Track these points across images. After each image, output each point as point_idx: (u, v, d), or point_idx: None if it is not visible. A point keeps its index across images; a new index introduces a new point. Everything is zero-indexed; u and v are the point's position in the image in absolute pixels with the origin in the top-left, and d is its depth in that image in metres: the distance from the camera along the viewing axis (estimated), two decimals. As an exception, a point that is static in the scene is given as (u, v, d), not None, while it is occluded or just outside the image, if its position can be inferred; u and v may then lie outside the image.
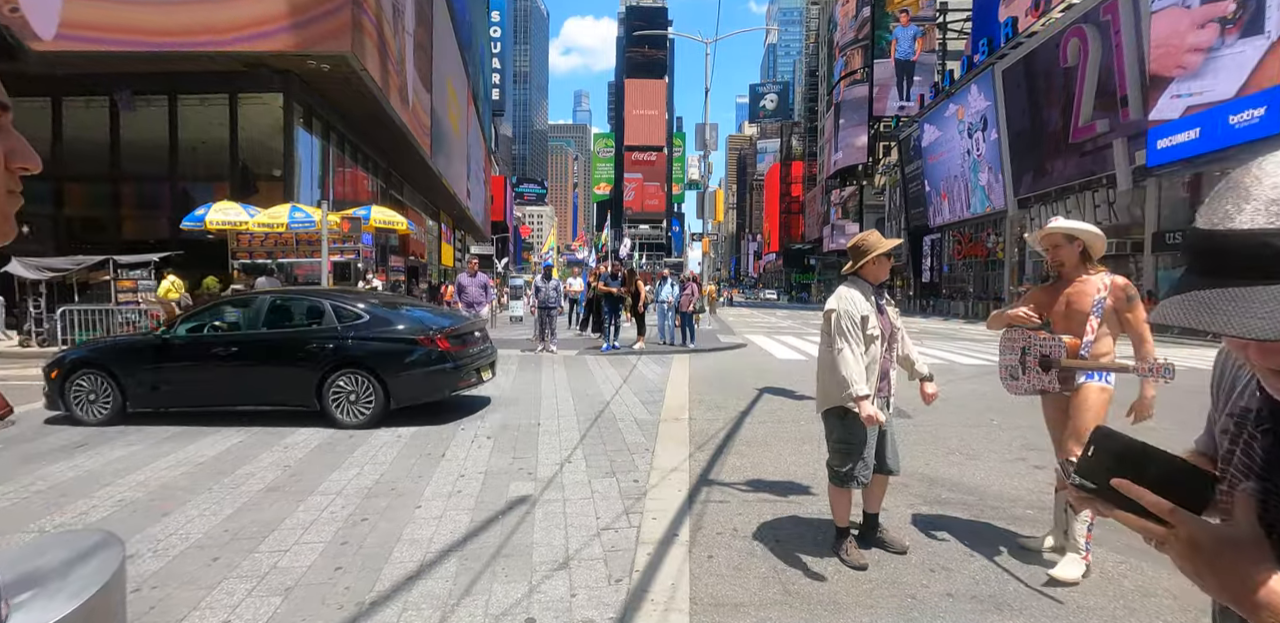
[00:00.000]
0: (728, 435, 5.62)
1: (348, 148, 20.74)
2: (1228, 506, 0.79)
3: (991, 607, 2.69)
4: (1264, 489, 0.74)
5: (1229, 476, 0.80)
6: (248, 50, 14.06)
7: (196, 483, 4.20)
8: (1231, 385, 0.86)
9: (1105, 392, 2.97)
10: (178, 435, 5.49)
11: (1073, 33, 25.62)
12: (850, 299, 3.05)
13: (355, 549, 3.16)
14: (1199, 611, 2.67)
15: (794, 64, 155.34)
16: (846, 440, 3.09)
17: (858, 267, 3.11)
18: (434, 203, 35.46)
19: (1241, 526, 0.73)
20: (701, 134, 23.73)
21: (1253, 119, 17.16)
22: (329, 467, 4.55)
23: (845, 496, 3.18)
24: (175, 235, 14.65)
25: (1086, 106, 25.21)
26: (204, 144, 16.20)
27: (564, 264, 70.05)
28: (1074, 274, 2.99)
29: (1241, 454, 0.78)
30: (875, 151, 59.69)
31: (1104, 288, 2.89)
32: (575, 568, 2.97)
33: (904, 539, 3.26)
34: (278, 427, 5.78)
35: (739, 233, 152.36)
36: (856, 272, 3.13)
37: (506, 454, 4.90)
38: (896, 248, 3.13)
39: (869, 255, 3.07)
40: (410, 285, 25.76)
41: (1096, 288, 2.90)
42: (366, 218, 14.13)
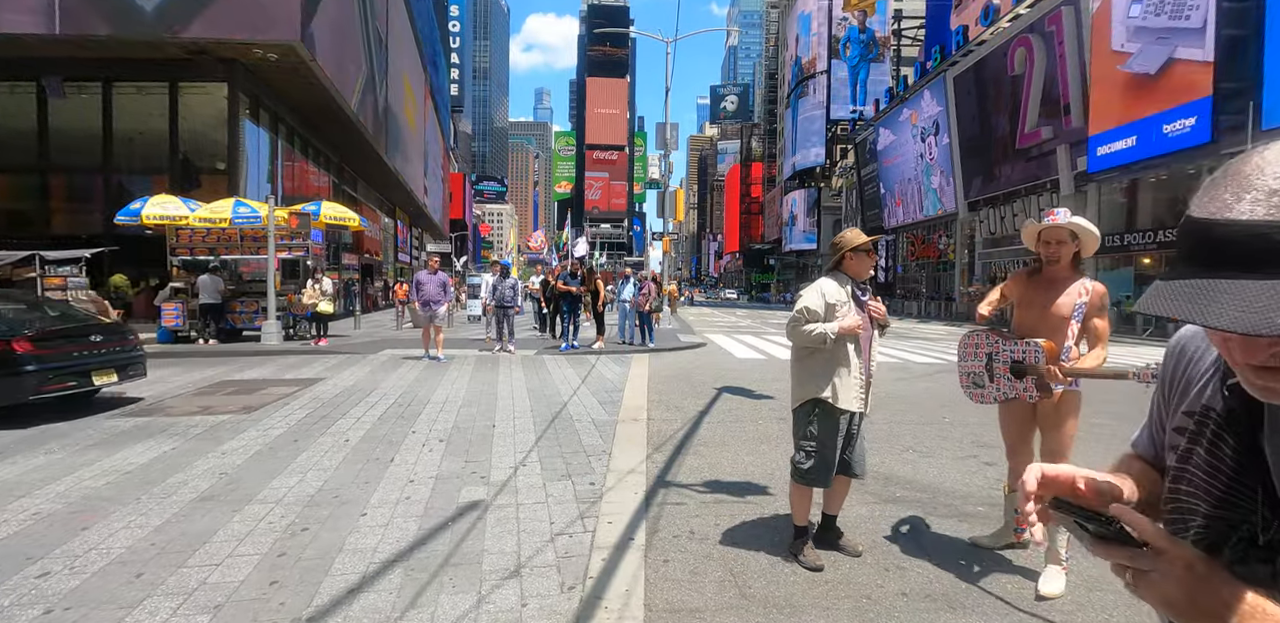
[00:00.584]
0: (686, 436, 5.58)
1: (298, 141, 20.05)
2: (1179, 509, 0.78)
3: (945, 605, 2.70)
4: (1230, 489, 0.73)
5: (1188, 475, 0.77)
6: (189, 37, 13.43)
7: (122, 493, 3.94)
8: (1186, 383, 0.84)
9: (1077, 396, 2.93)
10: (104, 442, 5.17)
11: (1020, 42, 26.54)
12: (819, 287, 3.10)
13: (293, 562, 2.99)
14: (1140, 602, 2.72)
15: (754, 66, 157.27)
16: (814, 438, 3.06)
17: (835, 260, 3.16)
18: (389, 199, 34.63)
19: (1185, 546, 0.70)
20: (663, 133, 23.74)
21: (1184, 128, 18.04)
22: (269, 473, 4.33)
23: (806, 494, 3.16)
24: (109, 230, 13.93)
25: (1032, 113, 26.15)
26: (141, 135, 15.44)
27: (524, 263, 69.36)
28: (1063, 273, 2.88)
29: (1206, 454, 0.76)
30: (833, 154, 60.83)
31: (1085, 292, 2.81)
32: (527, 576, 2.87)
33: (859, 544, 3.25)
34: (215, 432, 5.50)
35: (700, 233, 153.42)
36: (837, 267, 3.16)
37: (459, 458, 4.75)
38: (871, 242, 3.12)
39: (844, 250, 3.11)
40: (364, 284, 25.11)
41: (1079, 292, 2.81)
42: (317, 214, 13.67)
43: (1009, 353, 2.87)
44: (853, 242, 3.09)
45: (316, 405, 6.69)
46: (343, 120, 19.38)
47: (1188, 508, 0.77)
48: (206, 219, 12.52)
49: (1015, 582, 2.93)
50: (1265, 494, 0.70)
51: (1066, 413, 2.92)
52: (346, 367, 9.72)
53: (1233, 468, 0.73)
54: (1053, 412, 2.94)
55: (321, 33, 15.11)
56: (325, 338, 12.94)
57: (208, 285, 12.01)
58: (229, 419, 6.00)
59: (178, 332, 12.25)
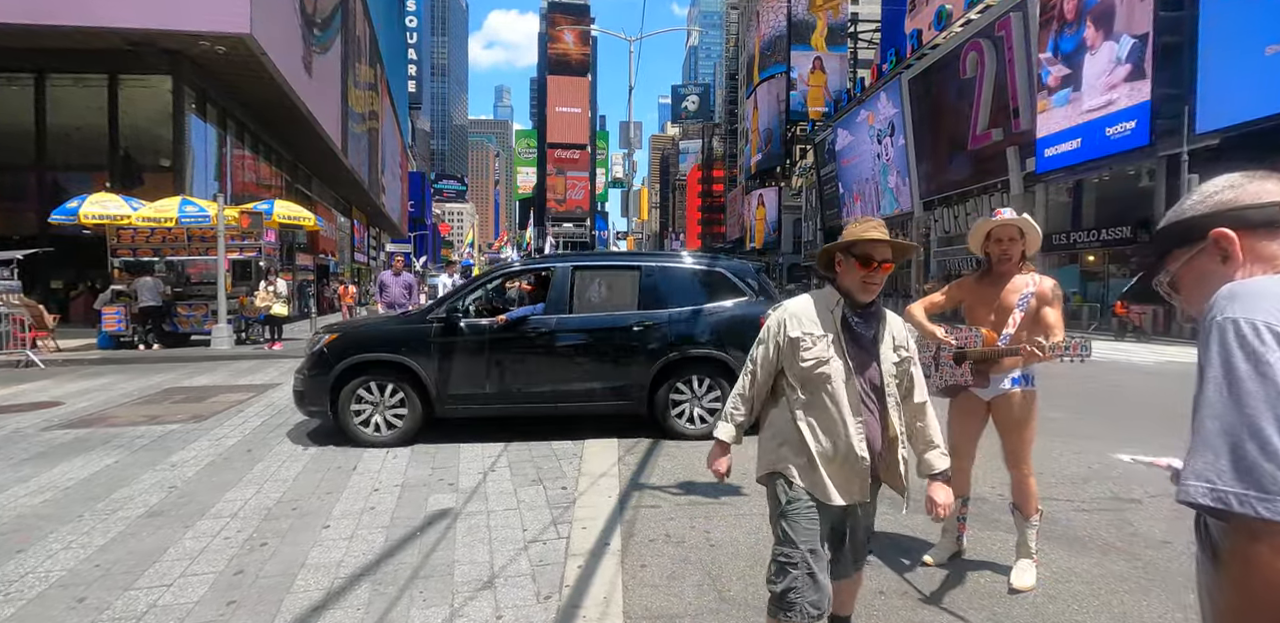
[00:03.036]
0: (657, 438, 5.54)
1: (248, 137, 19.34)
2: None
3: (920, 601, 2.72)
4: None
5: None
6: (130, 27, 12.79)
7: (62, 510, 3.70)
8: None
9: (1034, 396, 2.95)
10: (41, 455, 4.86)
11: (971, 46, 27.31)
12: (789, 310, 2.04)
13: (252, 579, 2.85)
14: (1109, 593, 2.80)
15: (715, 66, 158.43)
16: (782, 538, 1.96)
17: (823, 261, 2.11)
18: (346, 198, 33.74)
19: None
20: (626, 132, 23.69)
21: (1125, 131, 18.82)
22: (223, 486, 4.13)
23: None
24: (45, 230, 13.20)
25: (983, 116, 26.94)
26: (79, 130, 14.66)
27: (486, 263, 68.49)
28: (1013, 270, 2.92)
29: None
30: (792, 154, 61.70)
31: (1033, 284, 2.88)
32: (501, 586, 2.78)
33: None
34: (163, 443, 5.23)
35: (662, 232, 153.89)
36: (829, 272, 2.12)
37: (425, 465, 4.62)
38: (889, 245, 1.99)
39: (835, 248, 2.04)
40: (319, 285, 24.40)
41: (1026, 284, 2.88)
42: (269, 213, 13.20)
43: (953, 341, 2.94)
44: (855, 234, 1.99)
45: (272, 412, 6.44)
46: (296, 116, 18.76)
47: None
48: (151, 218, 11.95)
49: (987, 576, 2.97)
50: None
51: (1025, 415, 2.92)
52: (303, 371, 9.39)
53: None
54: (1011, 414, 2.92)
55: (273, 25, 14.59)
56: (280, 342, 12.51)
57: (148, 287, 11.47)
58: (178, 429, 5.73)
59: (120, 337, 11.68)
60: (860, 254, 1.97)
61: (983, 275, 3.01)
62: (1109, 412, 6.85)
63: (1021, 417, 2.91)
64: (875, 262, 1.96)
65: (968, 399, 3.01)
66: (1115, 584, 2.89)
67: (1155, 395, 8.16)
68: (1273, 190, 0.89)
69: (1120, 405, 7.33)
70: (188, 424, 5.90)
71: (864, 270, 1.97)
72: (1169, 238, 0.95)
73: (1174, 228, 0.95)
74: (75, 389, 7.92)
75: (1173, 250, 0.95)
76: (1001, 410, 2.94)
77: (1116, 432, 5.83)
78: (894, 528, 3.53)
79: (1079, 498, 4.05)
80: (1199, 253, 0.92)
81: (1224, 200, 0.91)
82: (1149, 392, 8.45)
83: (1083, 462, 4.86)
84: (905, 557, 3.17)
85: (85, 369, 9.84)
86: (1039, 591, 2.82)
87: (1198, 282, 0.92)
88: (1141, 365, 11.46)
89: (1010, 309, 2.88)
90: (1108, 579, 2.94)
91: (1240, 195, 0.90)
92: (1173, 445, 5.56)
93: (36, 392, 7.79)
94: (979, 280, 3.02)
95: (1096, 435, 5.69)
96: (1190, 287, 0.94)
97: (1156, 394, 8.25)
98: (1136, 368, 11.09)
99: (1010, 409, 2.92)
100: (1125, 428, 6.03)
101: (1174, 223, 0.95)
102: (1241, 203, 0.89)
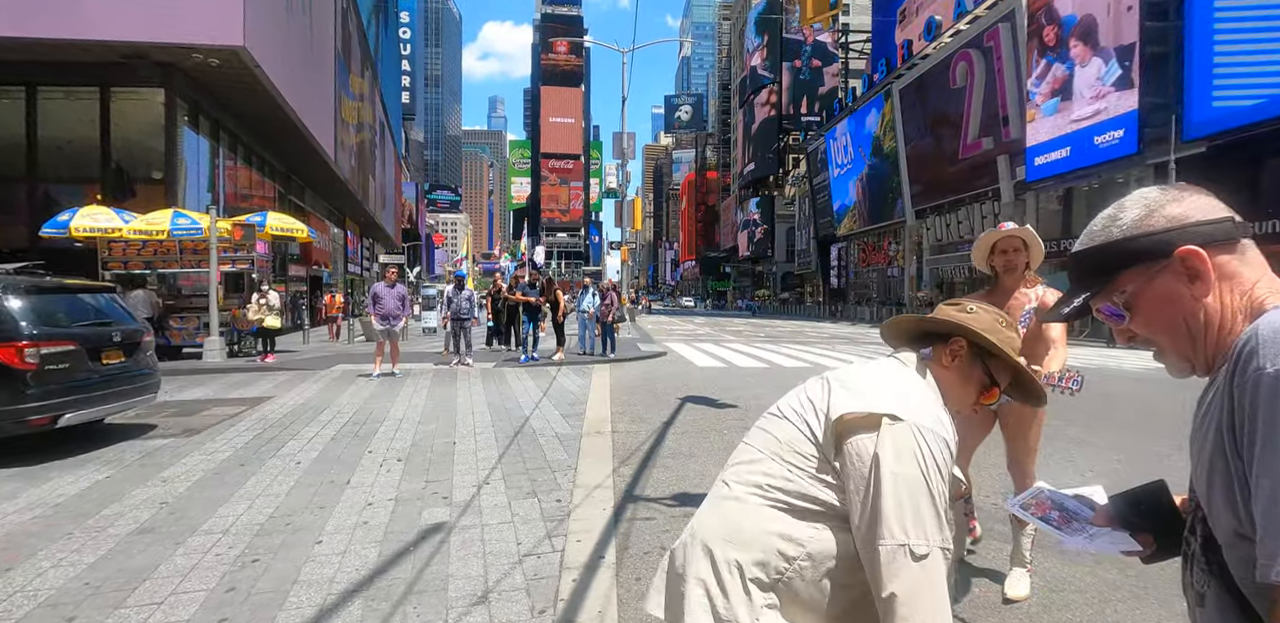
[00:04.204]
0: (652, 448, 5.54)
1: (241, 149, 19.33)
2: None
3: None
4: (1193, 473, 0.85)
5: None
6: (122, 39, 12.81)
7: (51, 528, 3.66)
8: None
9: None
10: (30, 473, 4.81)
11: (961, 57, 27.65)
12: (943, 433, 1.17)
13: (244, 596, 2.82)
14: (1102, 601, 2.81)
15: (708, 77, 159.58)
16: None
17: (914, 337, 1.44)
18: (339, 209, 33.72)
19: None
20: (619, 142, 23.80)
21: (1113, 140, 19.06)
22: (215, 501, 4.10)
23: None
24: (35, 243, 13.12)
25: (974, 125, 27.24)
26: (70, 143, 14.63)
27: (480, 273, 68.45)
28: (1018, 284, 2.93)
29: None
30: (785, 163, 62.09)
31: (1036, 298, 2.90)
32: (495, 601, 2.77)
33: None
34: (154, 458, 5.19)
35: (656, 241, 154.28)
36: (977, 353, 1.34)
37: (419, 478, 4.59)
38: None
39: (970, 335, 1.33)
40: (311, 297, 24.33)
41: (1028, 298, 2.90)
42: (262, 225, 13.19)
43: None
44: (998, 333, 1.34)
45: (264, 426, 6.40)
46: (290, 128, 18.78)
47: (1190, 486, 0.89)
48: (142, 231, 11.91)
49: (983, 585, 2.97)
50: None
51: (1030, 420, 2.96)
52: (296, 384, 9.35)
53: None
54: (1016, 419, 2.97)
55: (267, 38, 14.64)
56: (272, 354, 12.45)
57: (140, 301, 11.39)
58: (169, 444, 5.68)
59: (111, 350, 11.58)
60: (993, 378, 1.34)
61: (990, 291, 3.00)
62: (1101, 418, 6.88)
63: (1027, 421, 2.95)
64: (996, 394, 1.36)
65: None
66: (1109, 593, 2.89)
67: (1145, 401, 8.21)
68: (1218, 205, 0.85)
69: (1111, 412, 7.36)
70: (179, 439, 5.86)
71: (984, 398, 1.35)
72: (1123, 255, 0.86)
73: (1129, 244, 0.86)
74: (65, 403, 7.84)
75: (1127, 268, 0.86)
76: (1013, 416, 2.97)
77: (1108, 438, 5.86)
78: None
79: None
80: (1160, 271, 0.84)
81: (1176, 215, 0.84)
82: (1139, 398, 8.50)
83: (1076, 470, 4.88)
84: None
85: (75, 383, 9.74)
86: (1033, 600, 2.82)
87: (1161, 303, 0.85)
88: (1131, 372, 11.55)
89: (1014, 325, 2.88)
90: (1101, 588, 2.94)
91: (1190, 210, 0.84)
92: (1161, 453, 5.56)
93: (26, 406, 7.71)
94: (987, 296, 2.98)
95: (1088, 442, 5.72)
96: (1150, 308, 0.86)
97: (1146, 400, 8.30)
98: (1126, 375, 11.18)
99: (1024, 415, 2.94)
100: (1116, 434, 6.06)
101: (1129, 238, 0.86)
102: (1195, 219, 0.83)
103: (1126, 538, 1.00)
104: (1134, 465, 4.99)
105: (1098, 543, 1.03)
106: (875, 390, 1.20)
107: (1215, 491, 0.76)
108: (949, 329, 1.34)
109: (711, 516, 1.28)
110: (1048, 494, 1.16)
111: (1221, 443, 0.74)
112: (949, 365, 1.32)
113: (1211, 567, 0.81)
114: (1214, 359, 0.83)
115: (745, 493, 1.23)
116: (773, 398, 1.39)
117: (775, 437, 1.26)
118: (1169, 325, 0.85)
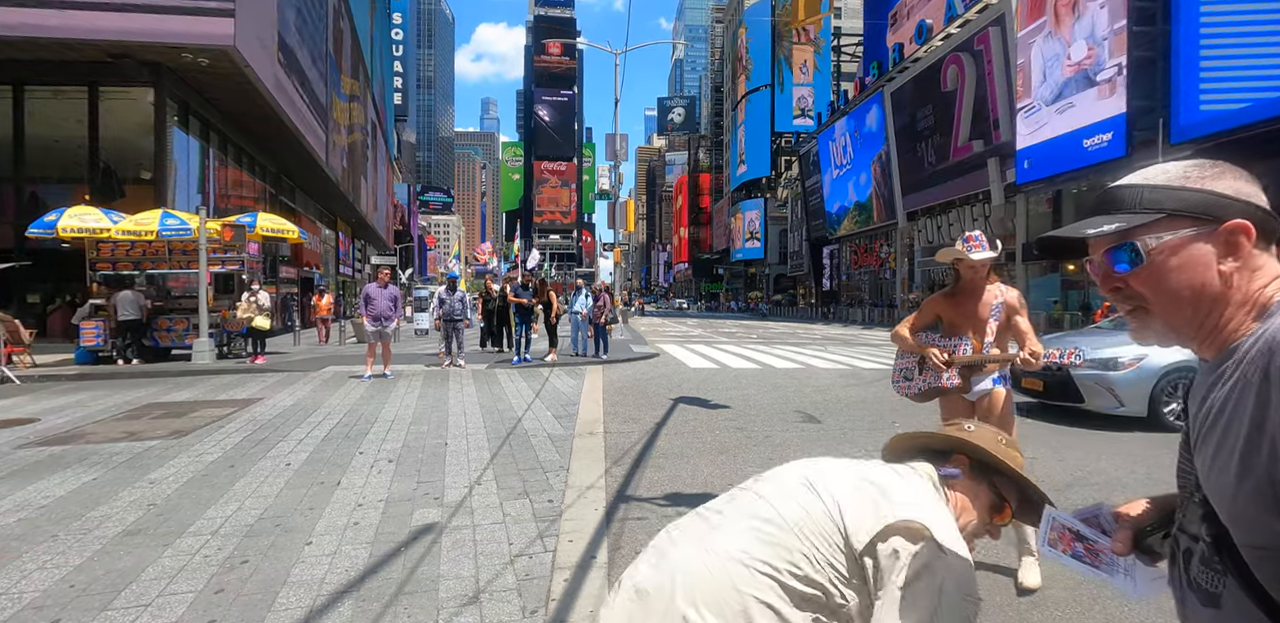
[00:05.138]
0: (644, 449, 5.53)
1: (231, 149, 19.22)
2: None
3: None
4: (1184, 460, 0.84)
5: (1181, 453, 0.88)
6: (111, 39, 12.71)
7: (36, 530, 3.62)
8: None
9: (1011, 393, 3.26)
10: (14, 474, 4.76)
11: (951, 60, 27.84)
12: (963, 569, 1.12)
13: (232, 598, 2.80)
14: (1090, 599, 2.82)
15: (700, 79, 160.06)
16: None
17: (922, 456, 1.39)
18: (330, 210, 33.56)
19: None
20: (612, 144, 23.82)
21: (1102, 143, 19.22)
22: (203, 503, 4.06)
23: None
24: (21, 244, 13.01)
25: (964, 128, 27.42)
26: (57, 142, 14.51)
27: (472, 275, 68.28)
28: (982, 283, 3.19)
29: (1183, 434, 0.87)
30: (777, 166, 62.31)
31: (1001, 294, 3.17)
32: (486, 602, 2.75)
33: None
34: (142, 459, 5.14)
35: (649, 243, 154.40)
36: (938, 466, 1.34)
37: (410, 479, 4.57)
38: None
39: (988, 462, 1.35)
40: (302, 298, 24.19)
41: (994, 295, 3.17)
42: (252, 226, 13.11)
43: (945, 355, 3.20)
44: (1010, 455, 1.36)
45: (254, 428, 6.35)
46: (280, 129, 18.68)
47: (1178, 478, 0.87)
48: (131, 231, 11.81)
49: (984, 577, 2.98)
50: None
51: (1007, 409, 3.19)
52: (286, 385, 9.29)
53: (1184, 437, 0.85)
54: (996, 410, 3.18)
55: (257, 38, 14.57)
56: (263, 355, 12.37)
57: (128, 301, 11.31)
58: (157, 445, 5.63)
59: (99, 352, 11.49)
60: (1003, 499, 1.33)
61: (952, 292, 3.27)
62: (1090, 418, 6.93)
63: (1005, 411, 3.19)
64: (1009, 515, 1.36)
65: (955, 402, 3.27)
66: (1097, 590, 2.91)
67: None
68: (1256, 193, 0.81)
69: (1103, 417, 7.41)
70: (167, 440, 5.81)
71: (997, 519, 1.33)
72: (1183, 203, 0.79)
73: (1194, 196, 0.79)
74: (52, 405, 7.77)
75: (1163, 220, 0.79)
76: (985, 407, 3.21)
77: (1098, 437, 5.91)
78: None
79: (1061, 504, 4.08)
80: (1202, 235, 0.78)
81: (1239, 189, 0.79)
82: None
83: (1065, 468, 4.92)
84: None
85: (62, 385, 9.66)
86: (1022, 598, 2.83)
87: (1183, 265, 0.79)
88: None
89: (986, 320, 3.15)
90: (1089, 585, 2.96)
91: (1251, 190, 0.80)
92: (1148, 457, 5.59)
93: (11, 408, 7.63)
94: (950, 297, 3.27)
95: (1075, 445, 5.76)
96: (1168, 267, 0.79)
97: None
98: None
99: (996, 406, 3.19)
100: (1107, 435, 6.11)
101: (1197, 191, 0.79)
102: (1256, 201, 0.79)
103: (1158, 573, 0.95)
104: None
105: (1140, 588, 0.96)
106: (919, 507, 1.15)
107: (1244, 492, 0.71)
108: (951, 446, 1.31)
109: (700, 566, 1.17)
110: (1062, 522, 1.07)
111: (1258, 443, 0.69)
112: (954, 484, 1.29)
113: (1225, 566, 0.77)
114: (1206, 338, 0.81)
115: (750, 560, 1.14)
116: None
117: (806, 510, 1.17)
118: (1177, 290, 0.80)
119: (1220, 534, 0.76)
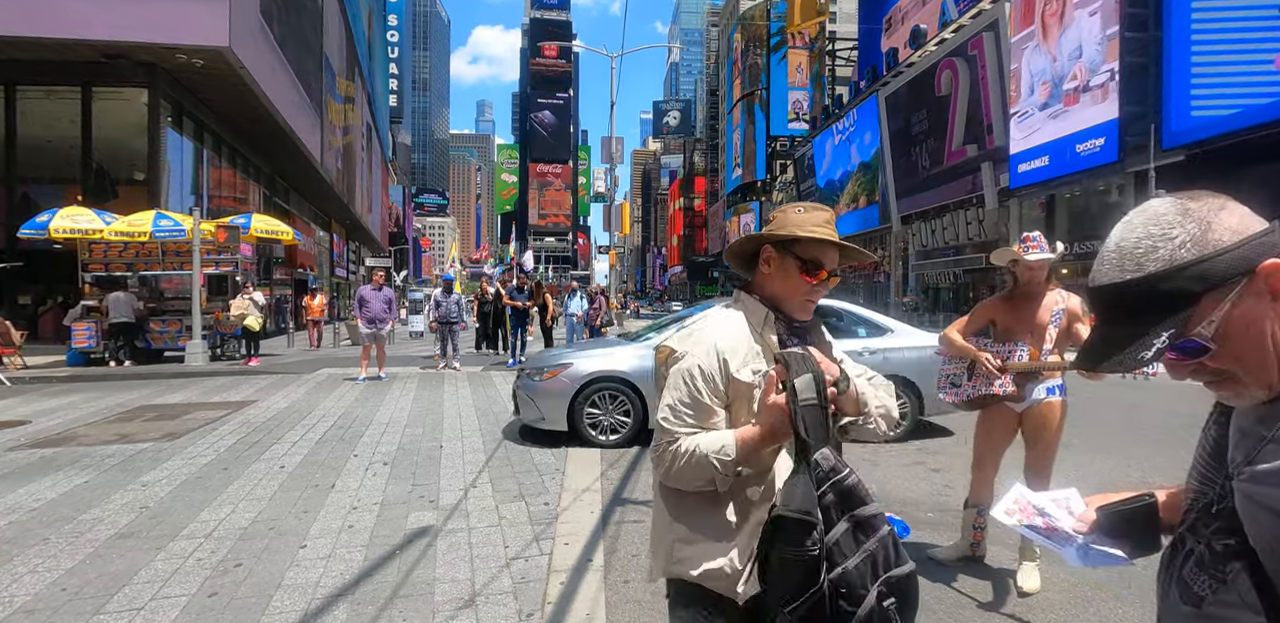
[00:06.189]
0: (640, 451, 5.53)
1: (225, 151, 19.15)
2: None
3: (921, 609, 2.72)
4: (1208, 465, 0.85)
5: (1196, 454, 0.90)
6: (105, 39, 12.65)
7: (27, 533, 3.59)
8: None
9: (1066, 404, 3.09)
10: (5, 476, 4.72)
11: (945, 65, 27.99)
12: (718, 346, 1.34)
13: (226, 601, 2.78)
14: (1085, 601, 2.84)
15: (695, 82, 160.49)
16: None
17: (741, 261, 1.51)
18: (325, 212, 33.45)
19: None
20: (608, 147, 23.85)
21: (1094, 148, 19.35)
22: (197, 505, 4.04)
23: None
24: (13, 245, 12.93)
25: (958, 132, 27.55)
26: (50, 143, 14.43)
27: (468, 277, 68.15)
28: (1041, 288, 3.04)
29: (1203, 436, 0.89)
30: (773, 169, 62.49)
31: (1063, 299, 3.02)
32: (482, 605, 2.75)
33: None
34: (134, 462, 5.10)
35: (644, 246, 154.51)
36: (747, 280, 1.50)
37: (405, 482, 4.56)
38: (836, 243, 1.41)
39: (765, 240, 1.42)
40: (296, 300, 24.08)
41: (1055, 300, 3.02)
42: (246, 227, 13.07)
43: (999, 361, 3.00)
44: (800, 226, 1.38)
45: (248, 430, 6.32)
46: (275, 130, 18.63)
47: (1192, 483, 0.89)
48: (124, 233, 11.75)
49: (982, 586, 2.99)
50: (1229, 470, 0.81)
51: (1053, 425, 3.03)
52: (280, 387, 9.24)
53: (1213, 448, 0.85)
54: (1047, 422, 3.02)
55: (252, 39, 14.54)
56: (256, 357, 12.32)
57: (121, 302, 11.23)
58: (150, 448, 5.59)
59: (91, 353, 11.41)
60: (809, 259, 1.37)
61: (1009, 296, 3.10)
62: (1096, 425, 6.96)
63: (1055, 424, 3.03)
64: (825, 272, 1.38)
65: (1000, 412, 3.09)
66: (1092, 593, 2.93)
67: (1140, 408, 8.32)
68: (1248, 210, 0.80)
69: (1107, 418, 7.45)
70: (160, 443, 5.77)
71: (809, 281, 1.38)
72: (1203, 278, 0.74)
73: (1207, 266, 0.74)
74: (43, 407, 7.71)
75: (1205, 294, 0.74)
76: (1037, 419, 3.03)
77: (1101, 442, 5.94)
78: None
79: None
80: (1243, 292, 0.74)
81: (1235, 226, 0.76)
82: (1136, 404, 8.62)
83: (1059, 471, 4.93)
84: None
85: (54, 387, 9.59)
86: (1017, 601, 2.85)
87: (1248, 327, 0.74)
88: (1129, 379, 11.68)
89: (1045, 326, 2.98)
90: (1084, 588, 2.98)
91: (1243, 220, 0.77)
92: (1154, 463, 5.62)
93: (2, 410, 7.57)
94: (1007, 300, 3.11)
95: (1075, 446, 5.78)
96: (1240, 335, 0.74)
97: (1141, 407, 8.41)
98: (1125, 381, 11.29)
99: (1049, 417, 3.02)
100: (1113, 441, 6.14)
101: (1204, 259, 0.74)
102: (1255, 228, 0.76)
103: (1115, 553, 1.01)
104: (1164, 475, 5.05)
105: (1091, 558, 1.03)
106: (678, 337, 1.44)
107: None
108: (757, 244, 1.45)
109: None
110: (1028, 498, 1.16)
111: None
112: (769, 271, 1.43)
113: (1225, 576, 0.77)
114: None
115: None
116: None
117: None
118: (1258, 351, 0.75)
119: (1231, 546, 0.77)
